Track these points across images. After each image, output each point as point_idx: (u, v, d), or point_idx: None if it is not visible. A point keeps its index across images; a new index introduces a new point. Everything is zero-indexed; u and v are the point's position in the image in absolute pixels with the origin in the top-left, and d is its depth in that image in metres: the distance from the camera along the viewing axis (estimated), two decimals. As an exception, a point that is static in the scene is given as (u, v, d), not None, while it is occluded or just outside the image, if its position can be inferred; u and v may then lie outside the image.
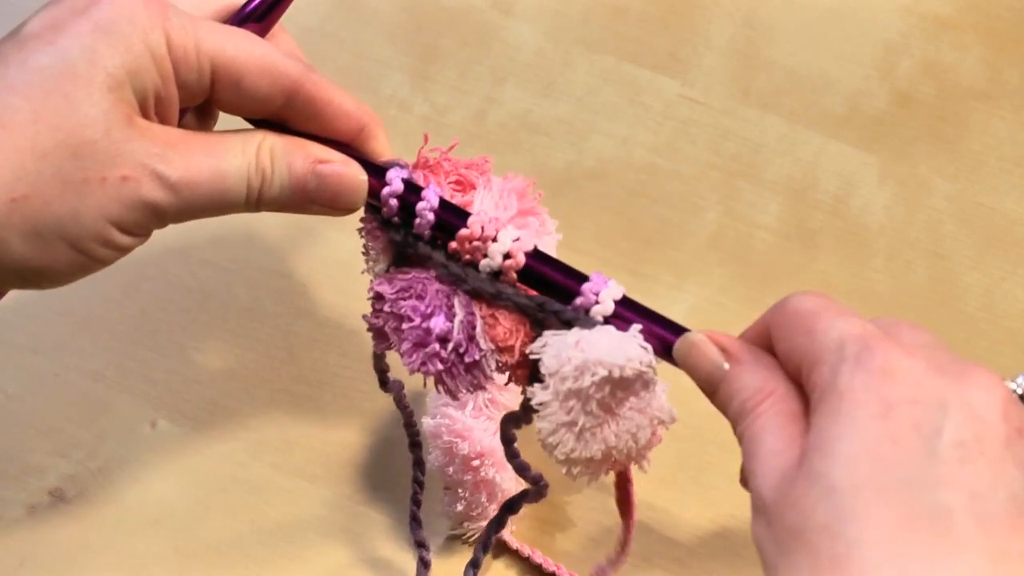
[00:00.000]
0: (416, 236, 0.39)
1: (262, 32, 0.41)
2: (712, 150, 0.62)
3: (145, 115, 0.36)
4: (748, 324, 0.35)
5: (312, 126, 0.40)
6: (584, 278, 0.38)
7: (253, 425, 0.54)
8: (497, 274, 0.38)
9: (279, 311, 0.57)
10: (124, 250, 0.37)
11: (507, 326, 0.38)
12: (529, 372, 0.38)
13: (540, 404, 0.36)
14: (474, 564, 0.49)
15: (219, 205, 0.38)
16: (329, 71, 0.66)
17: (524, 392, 0.39)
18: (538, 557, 0.50)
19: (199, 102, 0.39)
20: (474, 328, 0.38)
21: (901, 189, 0.61)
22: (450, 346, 0.38)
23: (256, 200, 0.38)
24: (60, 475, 0.52)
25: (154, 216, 0.36)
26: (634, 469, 0.39)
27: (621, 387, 0.36)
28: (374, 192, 0.39)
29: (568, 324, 0.37)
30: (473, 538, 0.50)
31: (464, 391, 0.39)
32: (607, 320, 0.37)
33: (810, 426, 0.31)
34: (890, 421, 0.30)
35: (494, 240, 0.38)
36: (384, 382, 0.46)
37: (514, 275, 0.38)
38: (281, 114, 0.39)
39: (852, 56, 0.66)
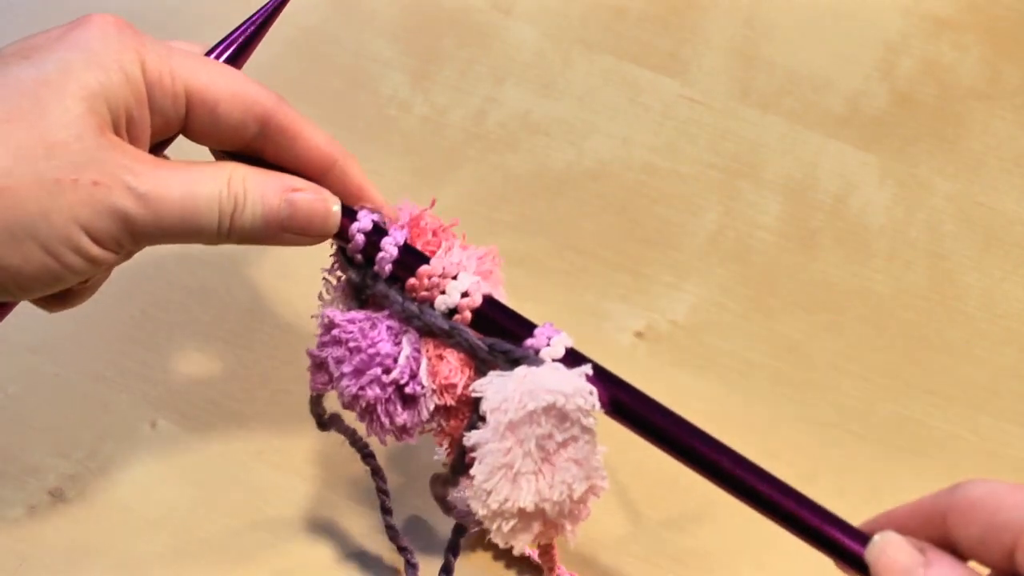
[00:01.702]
0: (375, 275, 0.40)
1: None
2: (712, 150, 0.62)
3: (117, 134, 0.37)
4: (748, 324, 0.34)
5: (285, 158, 0.40)
6: (535, 326, 0.38)
7: (253, 425, 0.54)
8: (452, 312, 0.39)
9: (279, 311, 0.57)
10: (95, 262, 0.37)
11: (453, 364, 0.39)
12: (467, 421, 0.39)
13: (477, 444, 0.37)
14: (446, 570, 0.48)
15: (189, 229, 0.37)
16: (329, 71, 0.67)
17: (451, 452, 0.40)
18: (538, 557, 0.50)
19: (174, 133, 0.39)
20: (419, 364, 0.39)
21: (901, 189, 0.61)
22: (392, 375, 0.39)
23: (228, 228, 0.38)
24: (60, 475, 0.52)
25: (124, 227, 0.36)
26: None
27: (562, 425, 0.36)
28: (342, 229, 0.40)
29: (516, 363, 0.38)
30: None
31: (392, 434, 0.40)
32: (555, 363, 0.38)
33: None
34: None
35: (454, 278, 0.39)
36: (322, 425, 0.46)
37: (469, 315, 0.39)
38: (254, 145, 0.40)
39: (852, 56, 0.66)
